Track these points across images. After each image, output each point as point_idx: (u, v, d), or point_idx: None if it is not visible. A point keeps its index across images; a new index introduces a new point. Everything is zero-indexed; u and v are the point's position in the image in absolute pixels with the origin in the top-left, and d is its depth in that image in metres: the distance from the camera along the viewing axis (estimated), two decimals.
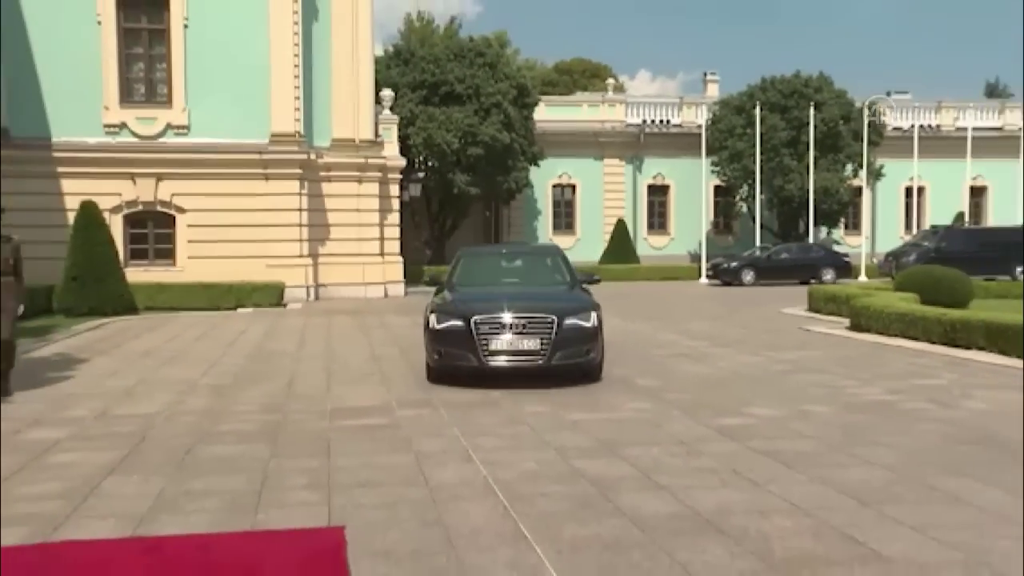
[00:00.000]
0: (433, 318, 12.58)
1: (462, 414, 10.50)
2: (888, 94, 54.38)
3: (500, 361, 12.12)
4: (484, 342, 12.00)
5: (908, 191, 50.91)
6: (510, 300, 12.69)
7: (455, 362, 12.35)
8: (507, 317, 12.10)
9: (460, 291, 13.50)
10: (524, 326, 12.05)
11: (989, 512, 6.68)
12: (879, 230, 51.46)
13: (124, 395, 12.28)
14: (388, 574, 5.46)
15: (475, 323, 12.06)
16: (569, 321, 12.22)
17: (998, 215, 52.01)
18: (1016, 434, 9.34)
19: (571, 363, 12.31)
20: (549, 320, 12.10)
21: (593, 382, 12.58)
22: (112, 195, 28.55)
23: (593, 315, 12.52)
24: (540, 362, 12.08)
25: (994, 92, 71.77)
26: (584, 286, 14.16)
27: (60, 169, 28.50)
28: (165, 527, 6.50)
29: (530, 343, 12.03)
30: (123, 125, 29.58)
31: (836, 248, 44.90)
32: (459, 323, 12.20)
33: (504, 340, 12.03)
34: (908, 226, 51.19)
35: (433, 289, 14.69)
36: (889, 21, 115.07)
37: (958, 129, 51.23)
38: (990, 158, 49.90)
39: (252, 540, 6.21)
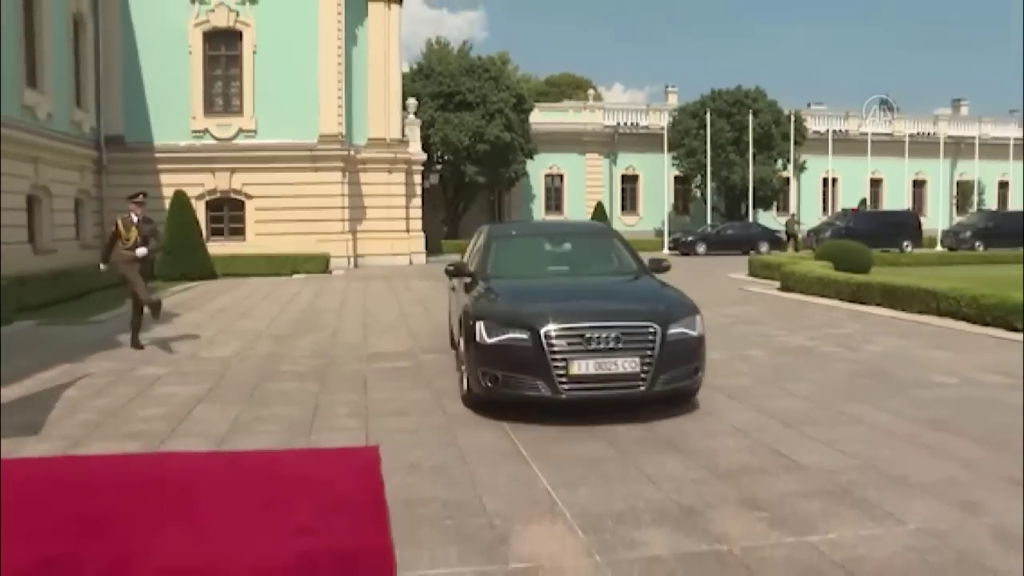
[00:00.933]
0: (481, 328, 7.32)
1: None
2: (809, 105, 54.54)
3: (584, 390, 7.04)
4: (561, 363, 6.95)
5: (825, 181, 51.21)
6: (585, 300, 7.85)
7: (517, 391, 7.16)
8: (593, 326, 7.07)
9: (502, 284, 8.26)
10: (618, 339, 7.01)
11: (879, 429, 6.84)
12: (803, 212, 51.40)
13: (208, 342, 12.31)
14: (414, 484, 5.50)
15: (547, 336, 6.99)
16: (674, 330, 7.28)
17: (890, 201, 52.45)
18: (901, 369, 9.46)
19: (676, 387, 7.34)
20: (650, 331, 7.14)
21: (685, 410, 7.52)
22: (197, 185, 28.55)
23: (698, 320, 7.62)
24: (641, 388, 7.08)
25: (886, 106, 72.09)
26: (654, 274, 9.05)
27: (159, 166, 28.84)
28: (240, 444, 6.58)
29: (627, 363, 7.02)
30: (206, 131, 29.63)
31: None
32: (522, 336, 7.09)
33: (590, 360, 6.98)
34: (825, 209, 51.41)
35: (455, 280, 9.72)
36: (810, 50, 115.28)
37: (861, 134, 51.35)
38: (884, 157, 50.11)
39: (307, 456, 6.26)
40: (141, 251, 11.33)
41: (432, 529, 4.70)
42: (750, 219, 46.06)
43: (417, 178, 33.84)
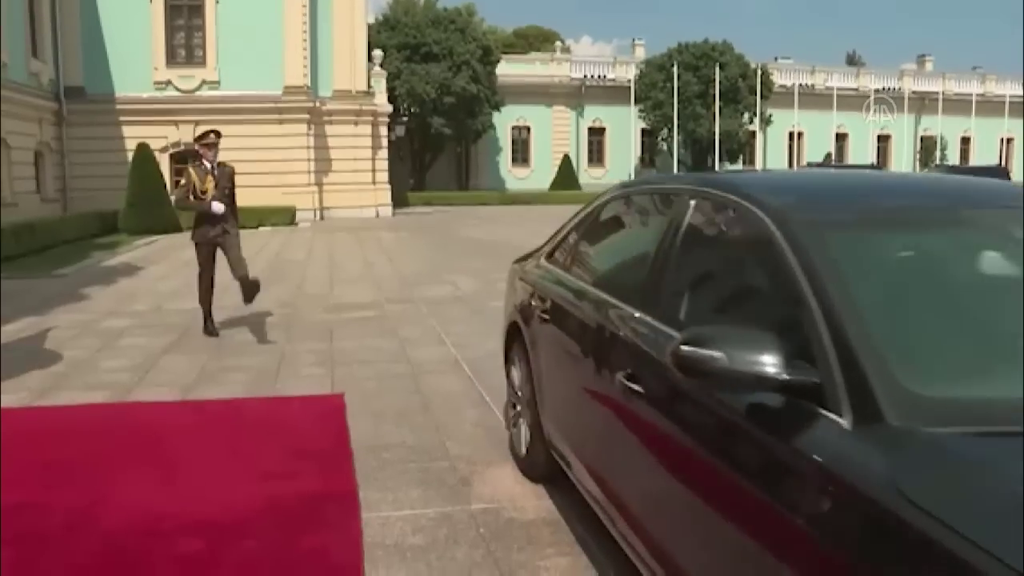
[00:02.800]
0: None
1: (437, 308, 10.60)
2: (775, 59, 54.59)
3: None
4: None
5: (791, 135, 51.39)
6: None
7: None
8: None
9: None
10: None
11: None
12: (769, 165, 51.72)
13: (172, 294, 12.26)
14: (379, 430, 5.59)
15: None
16: None
17: (855, 155, 52.83)
18: None
19: None
20: None
21: None
22: (160, 138, 28.20)
23: None
24: None
25: (852, 61, 72.44)
26: None
27: (121, 118, 28.42)
28: (207, 393, 6.64)
29: None
30: (169, 82, 29.21)
31: None
32: None
33: None
34: (791, 163, 51.70)
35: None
36: (777, 3, 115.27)
37: (827, 88, 51.61)
38: (849, 111, 50.49)
39: (273, 404, 6.35)
40: (217, 207, 8.70)
41: (396, 472, 4.81)
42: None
43: (383, 130, 33.58)
